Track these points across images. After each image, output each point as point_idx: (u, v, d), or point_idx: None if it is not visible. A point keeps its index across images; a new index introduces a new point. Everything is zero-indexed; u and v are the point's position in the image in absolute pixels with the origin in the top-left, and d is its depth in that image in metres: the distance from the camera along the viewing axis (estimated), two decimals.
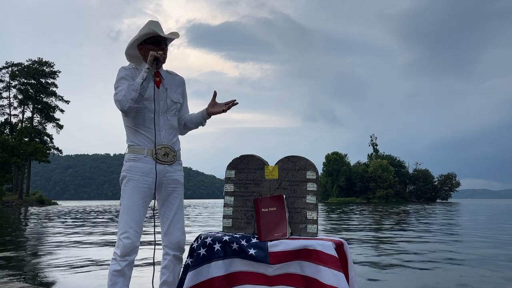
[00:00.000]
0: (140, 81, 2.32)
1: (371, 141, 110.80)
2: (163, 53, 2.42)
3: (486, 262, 6.51)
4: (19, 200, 55.33)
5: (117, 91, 2.39)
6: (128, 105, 2.32)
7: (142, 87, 2.32)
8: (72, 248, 8.15)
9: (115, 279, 2.33)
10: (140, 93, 2.32)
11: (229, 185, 2.54)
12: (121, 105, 2.34)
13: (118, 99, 2.35)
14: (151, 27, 2.47)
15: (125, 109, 2.34)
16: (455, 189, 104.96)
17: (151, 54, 2.35)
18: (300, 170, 2.43)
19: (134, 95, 2.31)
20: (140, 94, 2.33)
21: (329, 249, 2.13)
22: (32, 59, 67.44)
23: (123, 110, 2.36)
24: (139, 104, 2.37)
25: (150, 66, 2.34)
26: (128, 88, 2.33)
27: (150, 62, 2.34)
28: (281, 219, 2.33)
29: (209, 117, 2.66)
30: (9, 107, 65.51)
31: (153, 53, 2.35)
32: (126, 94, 2.32)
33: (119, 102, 2.34)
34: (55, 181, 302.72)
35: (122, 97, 2.33)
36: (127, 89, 2.33)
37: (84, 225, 15.31)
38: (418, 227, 13.59)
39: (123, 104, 2.33)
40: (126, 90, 2.33)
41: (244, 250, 2.26)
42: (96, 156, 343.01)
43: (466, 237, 10.47)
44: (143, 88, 2.33)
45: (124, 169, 2.45)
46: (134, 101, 2.32)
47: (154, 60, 2.35)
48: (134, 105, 2.34)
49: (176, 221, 2.52)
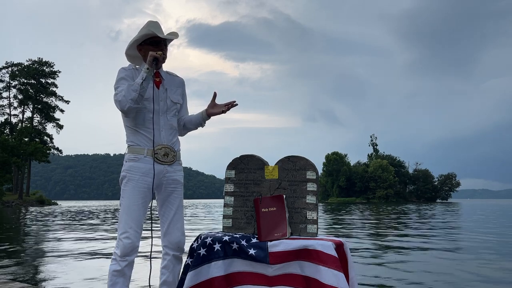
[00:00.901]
0: (140, 81, 2.32)
1: (371, 141, 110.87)
2: (162, 53, 2.42)
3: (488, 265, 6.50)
4: (19, 200, 55.33)
5: (117, 92, 2.39)
6: (128, 105, 2.32)
7: (141, 87, 2.32)
8: (72, 247, 8.15)
9: (115, 279, 2.33)
10: (140, 93, 2.33)
11: (229, 185, 2.54)
12: (121, 105, 2.34)
13: (118, 100, 2.35)
14: (150, 28, 2.47)
15: (125, 109, 2.34)
16: (455, 189, 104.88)
17: (150, 54, 2.35)
18: (300, 170, 2.43)
19: (134, 95, 2.31)
20: (140, 94, 2.33)
21: (329, 249, 2.13)
22: (32, 59, 67.53)
23: (123, 110, 2.37)
24: (139, 104, 2.37)
25: (149, 66, 2.35)
26: (128, 88, 2.33)
27: (149, 62, 2.34)
28: (281, 219, 2.33)
29: (208, 118, 2.66)
30: (9, 107, 65.54)
31: (153, 54, 2.35)
32: (126, 95, 2.32)
33: (119, 102, 2.35)
34: (55, 181, 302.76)
35: (122, 98, 2.33)
36: (127, 90, 2.33)
37: (85, 225, 15.31)
38: (419, 229, 13.57)
39: (123, 105, 2.33)
40: (126, 90, 2.33)
41: (244, 250, 2.26)
42: (96, 156, 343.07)
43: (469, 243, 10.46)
44: (143, 88, 2.33)
45: (124, 169, 2.45)
46: (134, 101, 2.33)
47: (153, 60, 2.35)
48: (134, 105, 2.34)
49: (176, 221, 2.52)
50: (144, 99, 2.44)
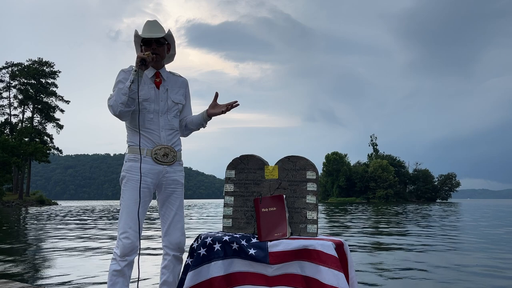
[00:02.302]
0: (129, 84, 2.32)
1: (371, 141, 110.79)
2: (150, 53, 2.39)
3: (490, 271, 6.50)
4: (19, 200, 55.31)
5: (109, 96, 2.39)
6: (119, 109, 2.32)
7: (130, 90, 2.32)
8: (72, 248, 8.15)
9: (115, 279, 2.33)
10: (130, 96, 2.32)
11: (229, 185, 2.54)
12: (114, 110, 2.34)
13: (110, 104, 2.36)
14: (144, 28, 2.49)
15: (117, 113, 2.34)
16: (455, 189, 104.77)
17: (137, 55, 2.35)
18: (300, 170, 2.43)
19: (123, 99, 2.31)
20: (131, 97, 2.32)
21: (329, 249, 2.12)
22: (32, 59, 67.48)
23: (115, 114, 2.36)
24: (131, 108, 2.36)
25: (136, 68, 2.34)
26: (118, 92, 2.33)
27: (136, 63, 2.34)
28: (281, 219, 2.33)
29: (209, 119, 2.65)
30: (9, 107, 65.47)
31: (140, 55, 2.34)
32: (117, 99, 2.32)
33: (111, 107, 2.35)
34: (55, 181, 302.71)
35: (113, 102, 2.33)
36: (117, 94, 2.33)
37: (85, 225, 15.31)
38: (420, 231, 13.58)
39: (115, 109, 2.33)
40: (116, 94, 2.34)
41: (244, 250, 2.26)
42: (96, 156, 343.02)
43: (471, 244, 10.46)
44: (132, 91, 2.32)
45: (124, 169, 2.45)
46: (124, 105, 2.32)
47: (140, 61, 2.33)
48: (125, 108, 2.33)
49: (176, 222, 2.52)
50: (143, 100, 2.43)
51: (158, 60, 2.50)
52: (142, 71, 2.36)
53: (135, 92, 2.34)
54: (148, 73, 2.51)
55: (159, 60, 2.51)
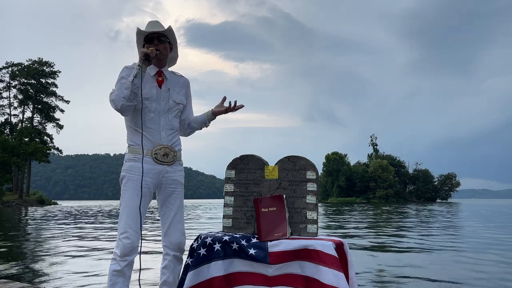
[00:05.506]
0: (131, 79, 2.31)
1: (371, 141, 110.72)
2: (153, 49, 2.39)
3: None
4: (19, 200, 55.29)
5: (111, 91, 2.39)
6: (121, 103, 2.32)
7: (133, 84, 2.31)
8: (72, 248, 8.14)
9: (115, 279, 2.33)
10: (132, 90, 2.32)
11: (229, 185, 2.54)
12: (115, 104, 2.34)
13: (111, 99, 2.36)
14: (146, 27, 2.50)
15: (119, 107, 2.34)
16: (455, 189, 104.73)
17: (141, 51, 2.35)
18: (300, 170, 2.43)
19: (126, 93, 2.31)
20: (133, 92, 2.32)
21: (329, 249, 2.13)
22: (32, 59, 67.41)
23: (117, 109, 2.36)
24: (133, 102, 2.36)
25: (140, 63, 2.34)
26: (120, 86, 2.33)
27: (140, 58, 2.34)
28: (281, 219, 2.33)
29: (213, 118, 2.66)
30: (9, 107, 65.45)
31: (144, 50, 2.34)
32: (119, 93, 2.32)
33: (113, 101, 2.35)
34: (55, 181, 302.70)
35: (115, 96, 2.33)
36: (119, 88, 2.33)
37: (85, 225, 15.31)
38: (420, 231, 13.57)
39: (116, 103, 2.33)
40: (118, 88, 2.34)
41: (244, 250, 2.26)
42: (96, 156, 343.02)
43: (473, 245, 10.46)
44: (135, 85, 2.32)
45: (124, 169, 2.45)
46: (126, 99, 2.32)
47: (143, 56, 2.34)
48: (127, 103, 2.33)
49: (176, 222, 2.51)
50: (145, 99, 2.43)
51: (160, 58, 2.50)
52: (145, 66, 2.36)
53: (137, 87, 2.33)
54: (150, 71, 2.51)
55: (161, 58, 2.51)
